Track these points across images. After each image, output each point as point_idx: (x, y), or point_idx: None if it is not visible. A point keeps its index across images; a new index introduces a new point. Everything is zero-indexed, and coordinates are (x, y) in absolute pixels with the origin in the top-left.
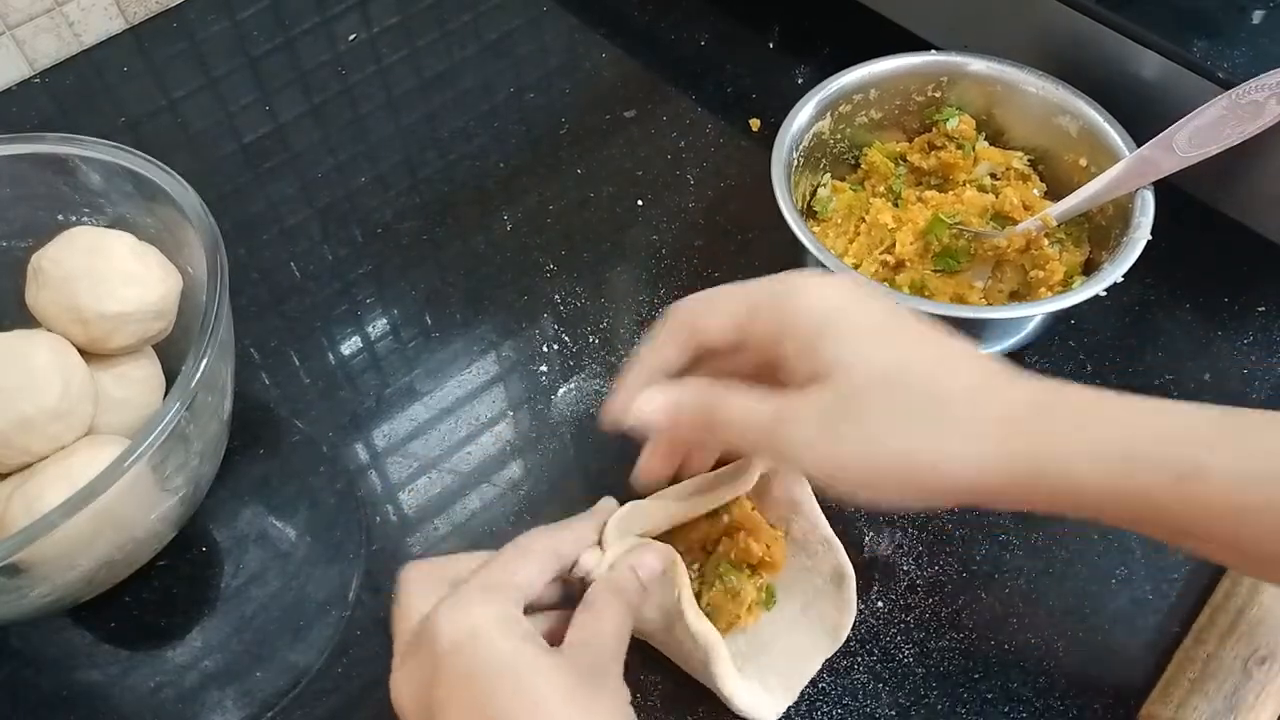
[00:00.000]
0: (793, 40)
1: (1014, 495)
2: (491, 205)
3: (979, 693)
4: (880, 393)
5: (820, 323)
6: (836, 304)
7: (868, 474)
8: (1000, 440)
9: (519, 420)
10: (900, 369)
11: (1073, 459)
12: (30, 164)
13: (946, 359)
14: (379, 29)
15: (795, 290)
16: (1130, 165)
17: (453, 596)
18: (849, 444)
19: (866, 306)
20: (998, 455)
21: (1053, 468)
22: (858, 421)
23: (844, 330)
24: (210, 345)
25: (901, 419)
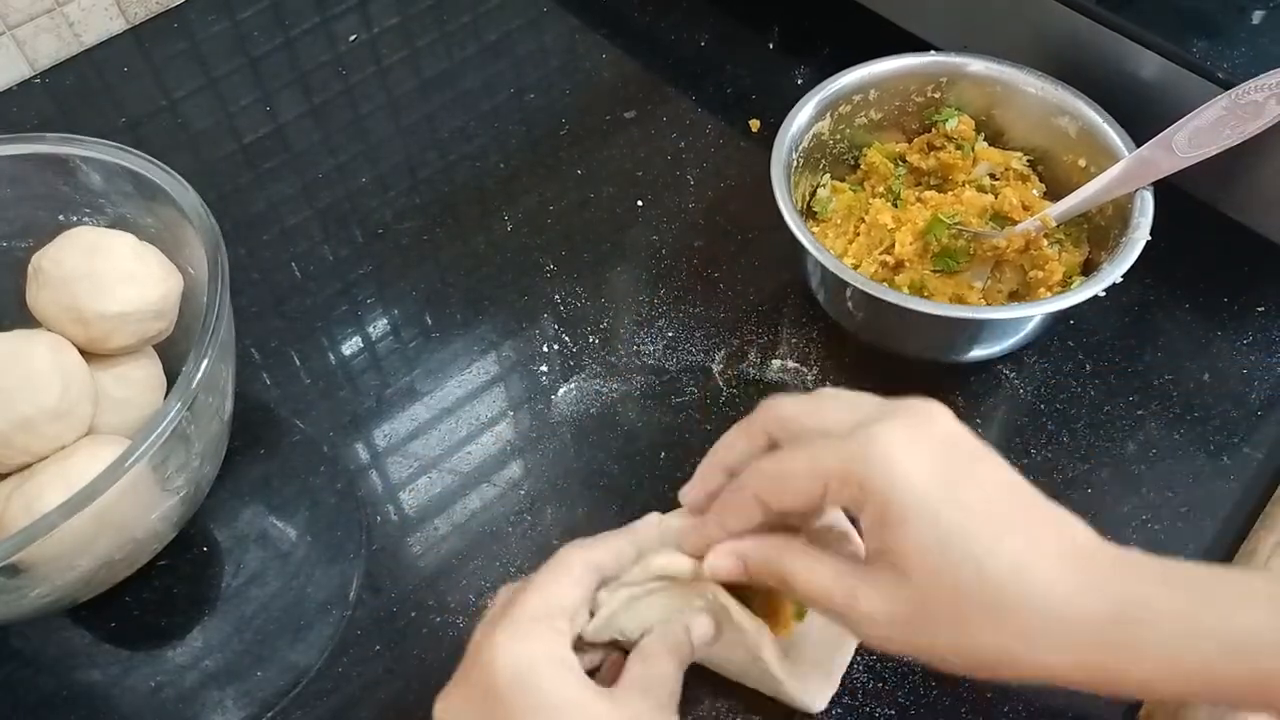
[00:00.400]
0: (793, 40)
1: (1096, 688)
2: (491, 205)
3: (979, 693)
4: (970, 598)
5: (892, 512)
6: (917, 481)
7: (958, 668)
8: (1080, 651)
9: (519, 420)
10: (989, 570)
11: (1147, 675)
12: (30, 164)
13: (1039, 547)
14: (379, 29)
15: (870, 451)
16: (1129, 166)
17: (506, 626)
18: (939, 646)
19: (950, 482)
20: (1077, 664)
21: (1129, 679)
22: (947, 629)
23: (919, 527)
24: (211, 345)
25: (998, 625)
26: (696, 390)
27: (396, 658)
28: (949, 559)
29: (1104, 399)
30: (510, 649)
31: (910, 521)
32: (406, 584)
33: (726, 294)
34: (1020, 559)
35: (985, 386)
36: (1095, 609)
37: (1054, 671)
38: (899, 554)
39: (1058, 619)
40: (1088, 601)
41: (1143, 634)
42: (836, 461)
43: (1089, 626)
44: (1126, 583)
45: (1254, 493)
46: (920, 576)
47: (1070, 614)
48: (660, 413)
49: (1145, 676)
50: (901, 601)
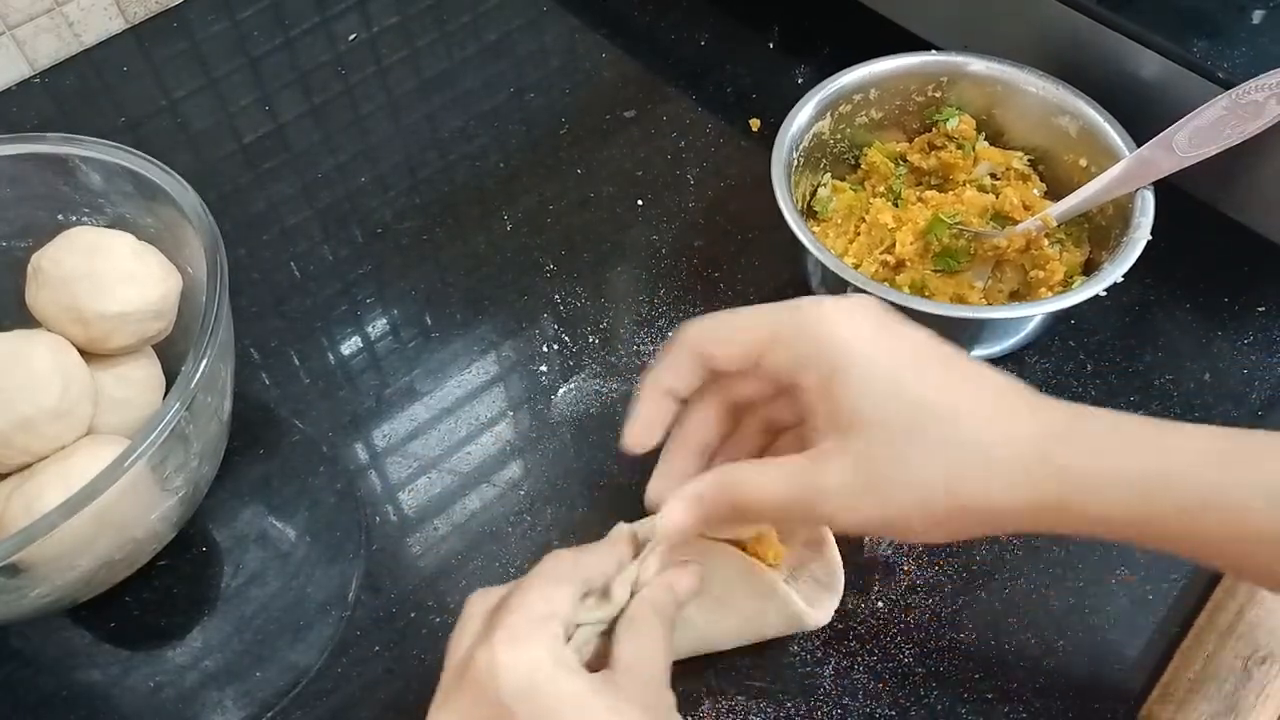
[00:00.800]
0: (793, 40)
1: (1049, 524)
2: (491, 205)
3: (979, 693)
4: (914, 441)
5: (839, 358)
6: (855, 337)
7: (915, 522)
8: (1031, 477)
9: (519, 420)
10: (928, 411)
11: (1095, 491)
12: (30, 164)
13: (972, 392)
14: (379, 29)
15: (812, 320)
16: (1130, 165)
17: (502, 632)
18: (893, 500)
19: (886, 339)
20: (1030, 490)
21: (1077, 500)
22: (897, 476)
23: (864, 370)
24: (210, 345)
25: (943, 464)
26: None
27: (396, 658)
28: (892, 406)
29: (1105, 399)
30: (511, 656)
31: (852, 374)
32: (406, 584)
33: (726, 294)
34: (958, 398)
35: None
36: (1037, 430)
37: (1002, 510)
38: (844, 412)
39: (999, 447)
40: (1033, 424)
41: (1080, 447)
42: (783, 320)
43: (1027, 450)
44: (1057, 408)
45: None
46: (867, 430)
47: (1023, 434)
48: None
49: (1089, 499)
50: (853, 466)
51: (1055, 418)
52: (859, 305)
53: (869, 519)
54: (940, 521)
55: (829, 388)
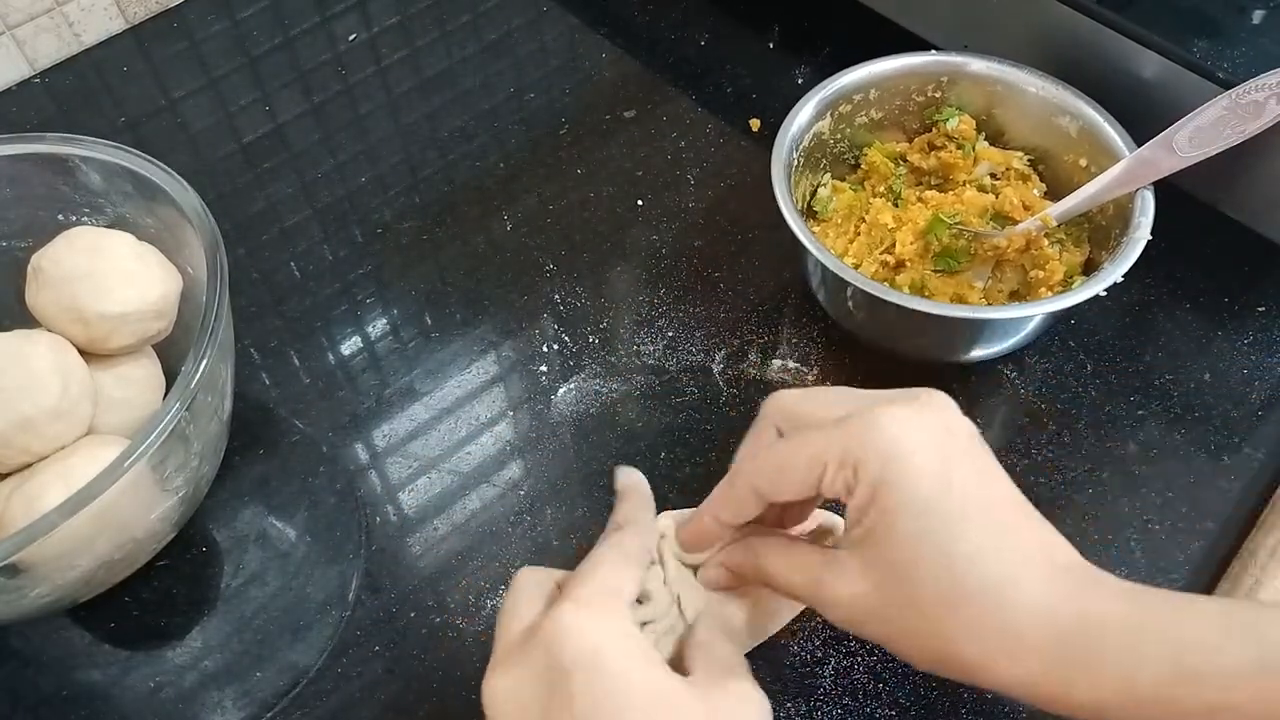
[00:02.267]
0: (793, 40)
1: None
2: (491, 205)
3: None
4: (935, 584)
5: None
6: (906, 480)
7: (909, 656)
8: (1035, 662)
9: (519, 420)
10: (956, 559)
11: (1099, 695)
12: (30, 164)
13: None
14: (379, 29)
15: (875, 433)
16: (1130, 165)
17: (571, 602)
18: (883, 628)
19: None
20: (1031, 676)
21: (1080, 697)
22: (899, 611)
23: (908, 515)
24: (210, 345)
25: (945, 619)
26: (696, 390)
27: (396, 658)
28: (928, 550)
29: (1105, 399)
30: (578, 626)
31: (900, 507)
32: (406, 584)
33: (726, 294)
34: (998, 565)
35: (986, 386)
36: (1059, 623)
37: (1006, 681)
38: (879, 537)
39: (1020, 628)
40: (1053, 615)
41: (1098, 649)
42: (836, 446)
43: (1049, 638)
44: (1094, 600)
45: (1254, 493)
46: (896, 563)
47: (1033, 624)
48: (660, 413)
49: (1096, 696)
50: (869, 586)
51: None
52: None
53: (864, 635)
54: (936, 666)
55: (874, 507)
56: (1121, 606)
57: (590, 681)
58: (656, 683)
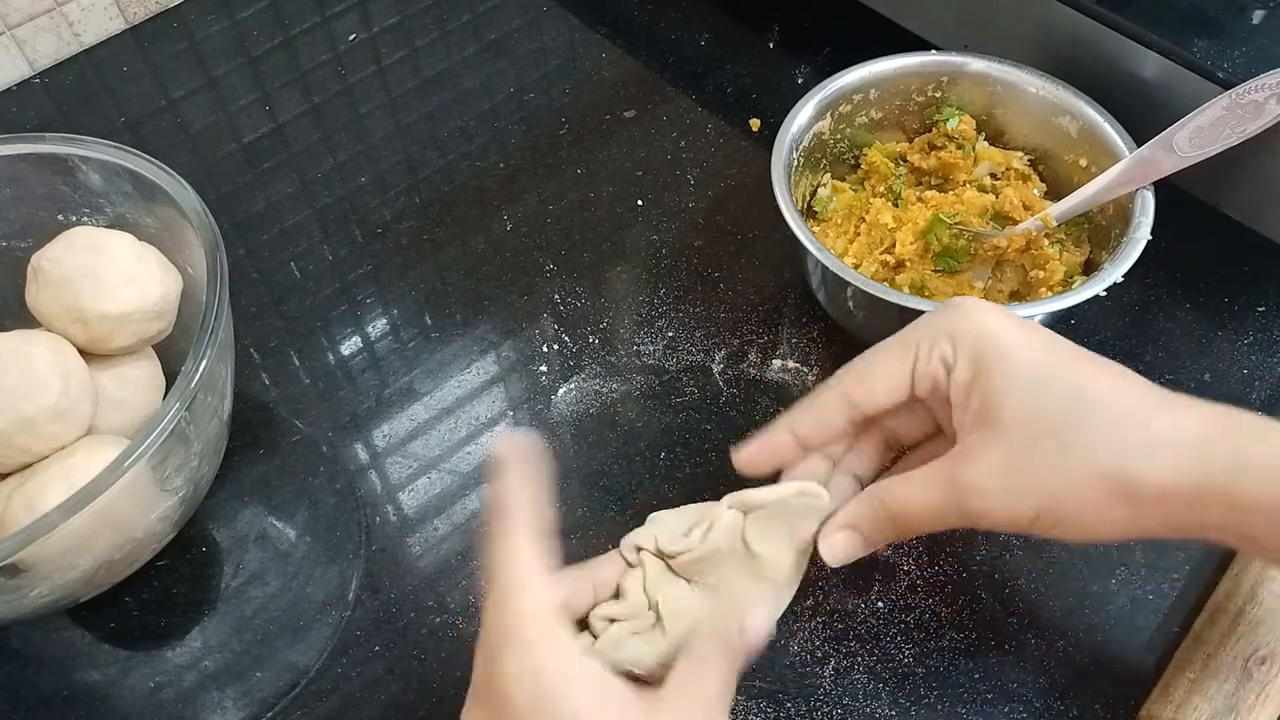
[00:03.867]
0: (793, 40)
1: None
2: (491, 205)
3: (979, 693)
4: (1075, 428)
5: (991, 350)
6: (1005, 330)
7: (1073, 512)
8: (1198, 459)
9: (519, 420)
10: (1089, 398)
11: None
12: (30, 164)
13: (1128, 384)
14: (379, 29)
15: (964, 314)
16: (1130, 165)
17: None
18: (1051, 490)
19: (1036, 334)
20: (1198, 474)
21: (1244, 484)
22: (1055, 464)
23: (1019, 361)
24: (210, 345)
25: (1105, 448)
26: (696, 390)
27: (396, 658)
28: (1051, 396)
29: None
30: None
31: (1003, 361)
32: (406, 584)
33: (726, 294)
34: (1113, 387)
35: None
36: (1189, 424)
37: (1166, 495)
38: (995, 402)
39: (1166, 430)
40: (1181, 417)
41: (1242, 448)
42: (925, 328)
43: (1188, 436)
44: (1215, 409)
45: None
46: (1023, 420)
47: (1174, 425)
48: (660, 413)
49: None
50: (1007, 457)
51: (1212, 410)
52: (1002, 309)
53: (1022, 512)
54: (1097, 511)
55: (975, 382)
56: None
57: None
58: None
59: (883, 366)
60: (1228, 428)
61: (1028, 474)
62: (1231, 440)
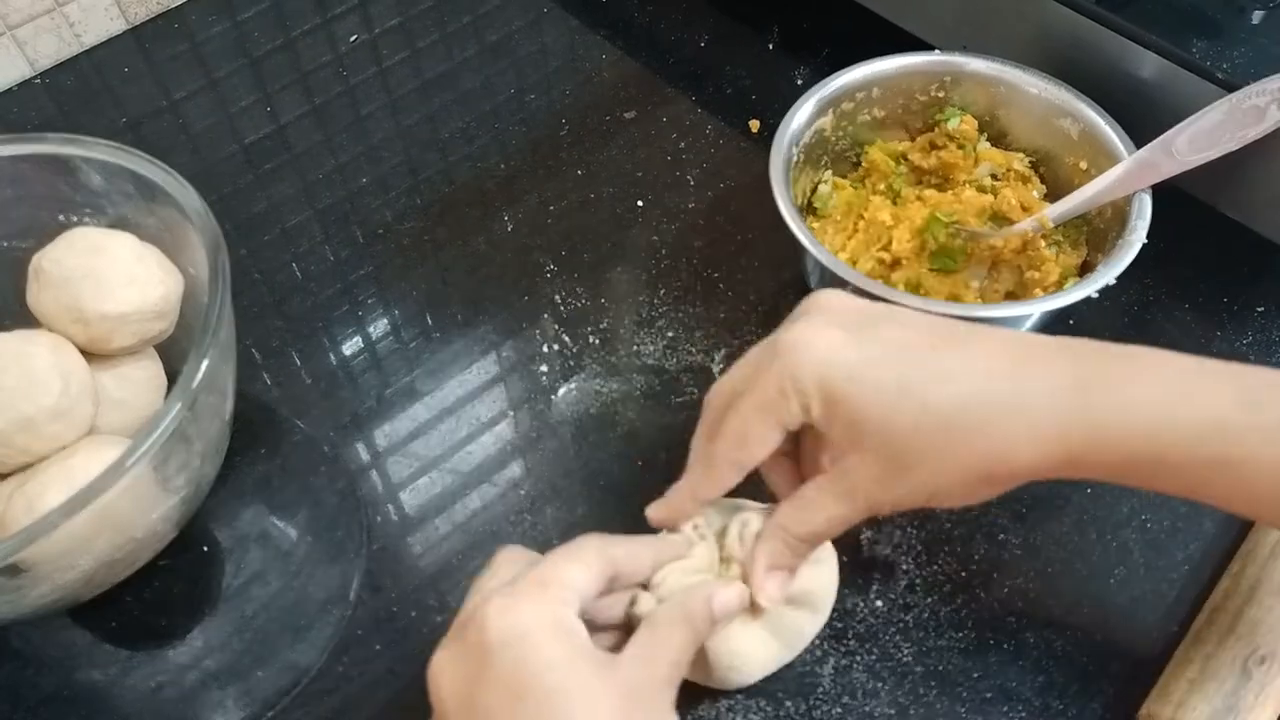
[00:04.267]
0: (792, 41)
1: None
2: (492, 206)
3: (979, 692)
4: (923, 438)
5: (830, 387)
6: (834, 359)
7: (946, 496)
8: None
9: (519, 420)
10: (928, 405)
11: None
12: (31, 164)
13: (972, 366)
14: (380, 30)
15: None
16: (1129, 168)
17: (506, 588)
18: (911, 483)
19: (866, 347)
20: (1059, 445)
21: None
22: (912, 461)
23: (859, 388)
24: (211, 346)
25: (961, 445)
26: (696, 390)
27: (397, 657)
28: (898, 406)
29: None
30: (505, 609)
31: (846, 392)
32: (407, 583)
33: (726, 294)
34: (960, 378)
35: None
36: (1054, 387)
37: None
38: (854, 427)
39: (1018, 409)
40: (1045, 372)
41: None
42: (771, 389)
43: (1054, 402)
44: (1066, 349)
45: None
46: (882, 434)
47: (1030, 399)
48: (660, 413)
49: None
50: (880, 465)
51: (1067, 360)
52: (823, 315)
53: (914, 503)
54: (979, 493)
55: (834, 416)
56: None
57: (506, 659)
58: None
59: (756, 431)
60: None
61: (903, 479)
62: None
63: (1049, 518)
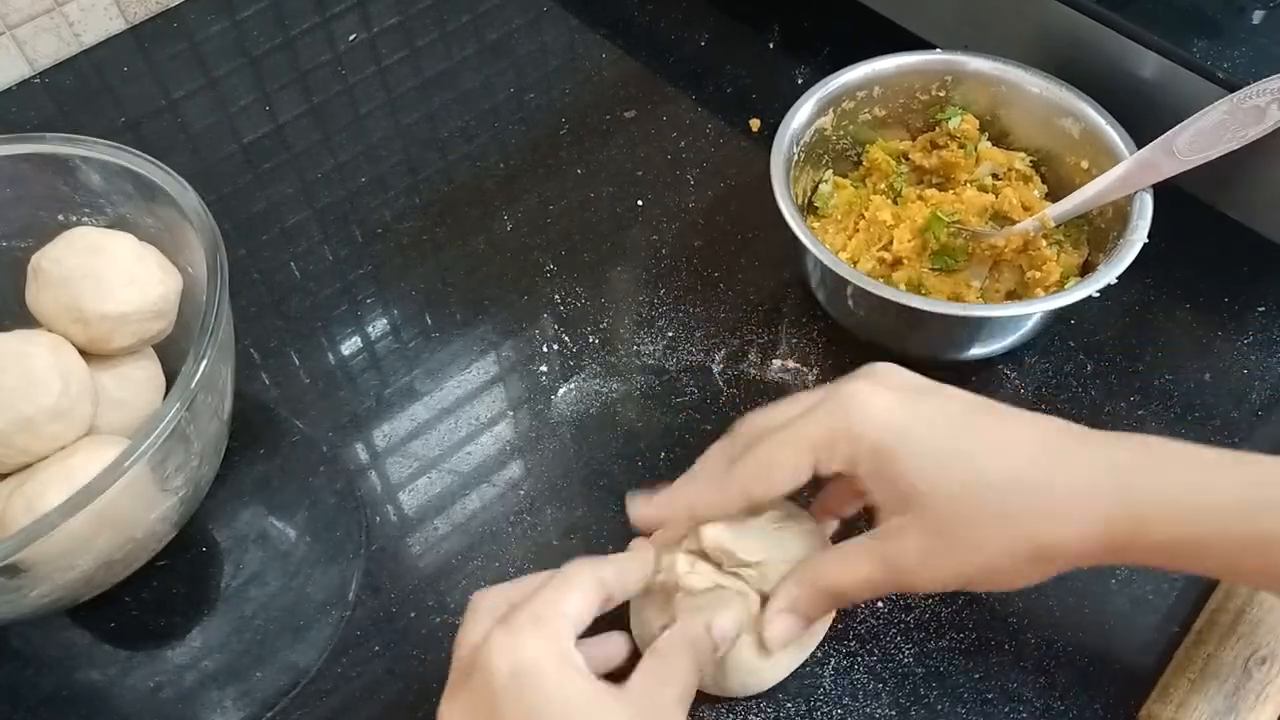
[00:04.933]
0: (793, 40)
1: (1127, 556)
2: (491, 205)
3: (979, 693)
4: (978, 501)
5: (884, 445)
6: (890, 419)
7: (989, 575)
8: (1100, 513)
9: (519, 420)
10: (984, 471)
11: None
12: (30, 164)
13: (1020, 440)
14: (379, 29)
15: (846, 419)
16: (1130, 168)
17: (504, 626)
18: (972, 559)
19: (920, 409)
20: (1104, 524)
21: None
22: (971, 536)
23: (912, 447)
24: (210, 345)
25: (1014, 515)
26: (696, 390)
27: (396, 658)
28: (949, 472)
29: (1105, 399)
30: (507, 648)
31: (903, 452)
32: (406, 584)
33: (726, 294)
34: (1009, 449)
35: (985, 386)
36: (1097, 471)
37: (1079, 551)
38: (905, 487)
39: (1066, 488)
40: (1086, 469)
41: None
42: (820, 428)
43: (1097, 486)
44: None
45: None
46: (931, 498)
47: (1077, 480)
48: (660, 413)
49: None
50: (925, 534)
51: (1111, 451)
52: (882, 381)
53: (949, 582)
54: (1020, 575)
55: (883, 474)
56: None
57: (519, 696)
58: (584, 693)
59: (784, 468)
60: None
61: (948, 553)
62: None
63: None
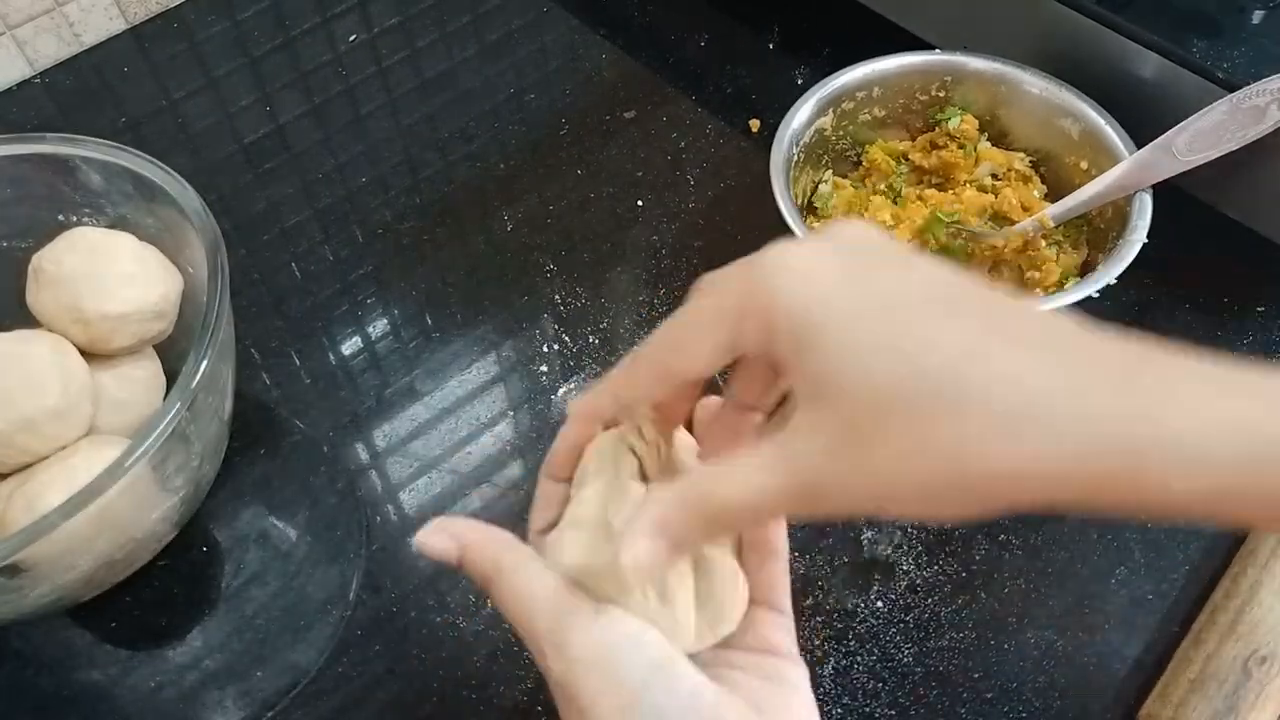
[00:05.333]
0: (793, 40)
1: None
2: (492, 206)
3: (979, 693)
4: (903, 405)
5: (803, 328)
6: (818, 294)
7: (911, 495)
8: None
9: (519, 420)
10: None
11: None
12: (31, 164)
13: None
14: (379, 29)
15: (771, 286)
16: (1129, 168)
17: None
18: (881, 473)
19: (859, 289)
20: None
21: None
22: (886, 445)
23: (835, 333)
24: (211, 346)
25: (930, 422)
26: None
27: (396, 658)
28: (877, 363)
29: None
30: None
31: (824, 333)
32: (406, 584)
33: None
34: (965, 345)
35: None
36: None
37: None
38: (822, 377)
39: (1024, 402)
40: (1060, 379)
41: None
42: (734, 298)
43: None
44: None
45: None
46: (849, 391)
47: (1039, 394)
48: None
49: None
50: (831, 426)
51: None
52: (832, 240)
53: (866, 493)
54: (954, 492)
55: (800, 359)
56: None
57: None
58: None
59: (694, 339)
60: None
61: (858, 458)
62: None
63: (1050, 518)
